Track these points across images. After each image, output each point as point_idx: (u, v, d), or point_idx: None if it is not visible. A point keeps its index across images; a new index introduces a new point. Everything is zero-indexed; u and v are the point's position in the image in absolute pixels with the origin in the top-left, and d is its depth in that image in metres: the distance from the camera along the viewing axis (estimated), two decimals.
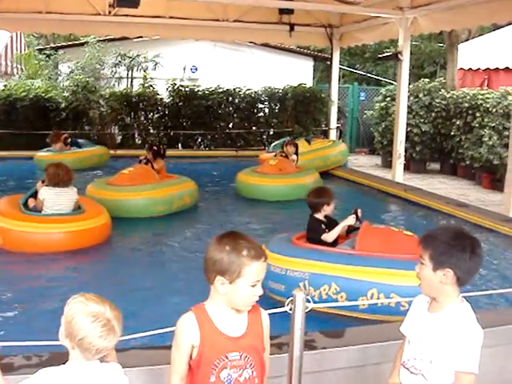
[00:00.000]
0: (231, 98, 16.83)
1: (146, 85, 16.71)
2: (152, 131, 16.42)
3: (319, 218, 5.88)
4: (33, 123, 15.09)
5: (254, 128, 17.12)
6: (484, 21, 10.73)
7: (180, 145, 16.69)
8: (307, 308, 3.09)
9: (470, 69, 17.55)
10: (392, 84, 18.56)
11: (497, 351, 3.92)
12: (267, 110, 17.37)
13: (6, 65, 20.82)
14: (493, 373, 3.84)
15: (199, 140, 16.82)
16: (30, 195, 7.79)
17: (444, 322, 2.58)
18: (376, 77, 25.52)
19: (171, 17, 14.01)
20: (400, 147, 12.49)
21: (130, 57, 17.86)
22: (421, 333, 2.67)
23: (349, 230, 6.00)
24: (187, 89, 16.51)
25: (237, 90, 16.84)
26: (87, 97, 15.53)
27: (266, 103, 17.31)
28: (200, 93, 16.54)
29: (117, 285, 5.89)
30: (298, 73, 19.57)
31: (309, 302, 3.10)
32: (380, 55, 14.58)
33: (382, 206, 10.72)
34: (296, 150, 11.93)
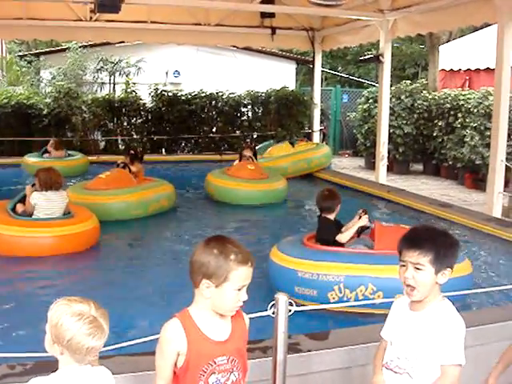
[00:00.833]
0: (214, 102, 16.81)
1: (129, 90, 16.64)
2: (135, 136, 16.37)
3: (331, 219, 5.92)
4: (15, 130, 14.95)
5: (238, 132, 17.12)
6: (463, 22, 10.85)
7: (164, 150, 16.64)
8: (290, 311, 3.09)
9: (452, 70, 17.67)
10: (374, 86, 18.65)
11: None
12: (250, 114, 17.38)
13: None
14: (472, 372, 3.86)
15: (183, 144, 16.80)
16: (18, 200, 7.77)
17: (428, 319, 2.60)
18: (358, 79, 25.66)
19: (153, 21, 13.99)
20: (383, 149, 12.55)
21: (112, 62, 17.81)
22: (404, 332, 2.68)
23: (359, 231, 6.03)
24: (170, 93, 16.49)
25: (220, 94, 16.82)
26: (69, 103, 15.45)
27: (249, 107, 17.32)
28: (183, 97, 16.54)
29: (101, 291, 5.87)
30: (281, 76, 19.62)
31: (291, 305, 3.10)
32: (361, 57, 14.67)
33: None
34: (254, 154, 11.70)
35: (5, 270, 6.68)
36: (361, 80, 25.06)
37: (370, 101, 16.54)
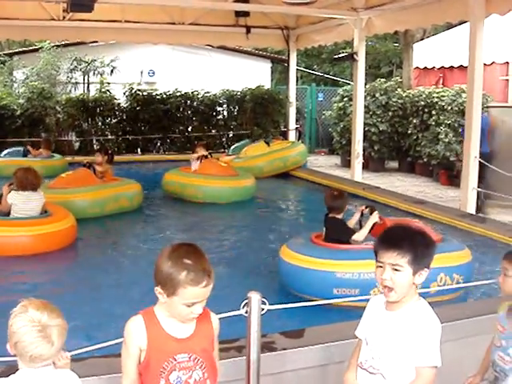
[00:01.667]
0: (190, 102, 16.77)
1: (103, 90, 16.52)
2: (110, 136, 16.25)
3: (342, 219, 5.92)
4: None
5: (214, 131, 17.09)
6: (437, 20, 10.88)
7: (139, 149, 16.54)
8: (263, 310, 3.08)
9: (426, 68, 17.80)
10: (349, 84, 18.70)
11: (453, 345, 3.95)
12: (226, 113, 17.37)
13: None
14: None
15: (158, 144, 16.71)
16: None
17: (404, 319, 2.58)
18: (333, 77, 25.72)
19: (127, 21, 13.84)
20: (358, 146, 12.59)
21: (86, 62, 17.67)
22: (379, 332, 2.65)
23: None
24: (145, 93, 16.41)
25: (195, 93, 16.79)
26: (43, 103, 15.32)
27: (225, 106, 17.31)
28: (158, 97, 16.46)
29: (75, 291, 5.84)
30: (256, 75, 19.58)
31: (264, 304, 3.09)
32: (336, 56, 14.69)
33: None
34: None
35: None
36: (336, 78, 25.12)
37: (345, 99, 16.60)
